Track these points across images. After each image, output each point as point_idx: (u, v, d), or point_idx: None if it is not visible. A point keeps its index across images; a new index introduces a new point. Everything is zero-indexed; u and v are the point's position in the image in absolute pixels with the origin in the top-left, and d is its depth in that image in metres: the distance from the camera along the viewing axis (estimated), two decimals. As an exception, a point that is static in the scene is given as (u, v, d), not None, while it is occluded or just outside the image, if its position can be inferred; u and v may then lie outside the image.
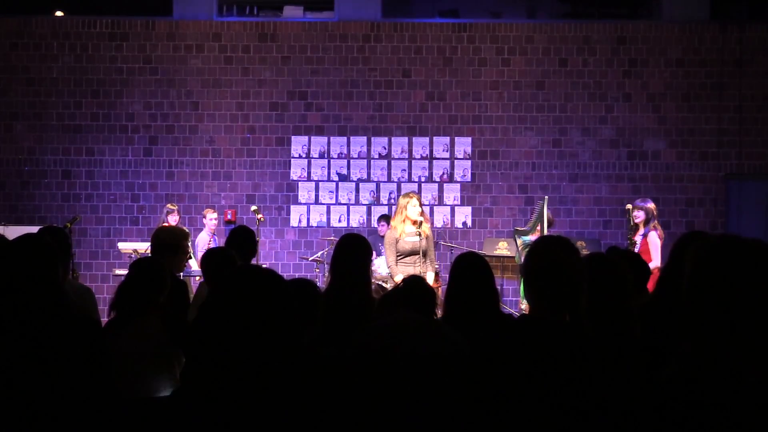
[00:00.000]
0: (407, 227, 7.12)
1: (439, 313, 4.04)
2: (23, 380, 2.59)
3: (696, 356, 2.14)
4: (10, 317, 2.66)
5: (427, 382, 3.16)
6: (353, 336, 3.49)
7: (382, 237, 9.86)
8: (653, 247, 7.57)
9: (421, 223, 7.07)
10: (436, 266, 7.64)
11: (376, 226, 10.50)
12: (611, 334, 2.69)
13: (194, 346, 3.60)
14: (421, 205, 7.23)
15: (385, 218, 10.17)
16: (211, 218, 9.70)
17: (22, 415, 2.57)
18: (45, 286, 2.74)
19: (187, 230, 9.61)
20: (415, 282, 3.68)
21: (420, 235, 7.03)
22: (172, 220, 9.33)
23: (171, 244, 4.69)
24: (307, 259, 9.71)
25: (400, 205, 7.26)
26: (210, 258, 4.65)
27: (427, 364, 3.20)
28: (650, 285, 6.75)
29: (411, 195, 7.25)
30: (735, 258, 2.13)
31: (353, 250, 4.27)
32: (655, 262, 7.49)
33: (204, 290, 4.64)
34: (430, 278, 7.05)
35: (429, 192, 10.62)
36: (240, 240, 4.82)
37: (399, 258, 7.17)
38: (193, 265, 9.43)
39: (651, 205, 7.83)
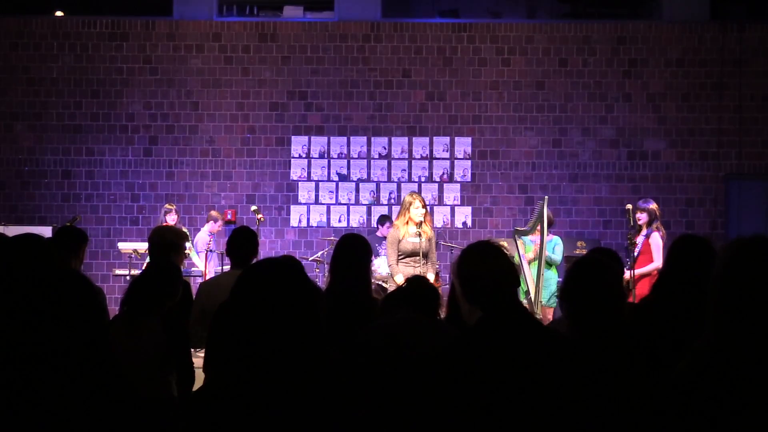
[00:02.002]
0: (410, 228, 7.12)
1: (442, 313, 4.04)
2: (27, 378, 2.59)
3: (715, 352, 2.14)
4: (16, 313, 2.66)
5: (429, 382, 3.16)
6: (357, 335, 3.50)
7: (381, 238, 9.89)
8: (655, 248, 7.55)
9: (421, 223, 7.07)
10: (437, 266, 7.63)
11: (375, 226, 10.50)
12: (599, 337, 2.72)
13: (219, 342, 3.61)
14: (424, 206, 7.20)
15: (385, 219, 10.16)
16: (220, 224, 9.68)
17: (26, 413, 2.57)
18: (54, 279, 2.73)
19: (185, 231, 9.64)
20: (418, 282, 3.69)
21: (420, 235, 7.03)
22: (171, 219, 9.31)
23: (169, 244, 4.68)
24: (307, 259, 9.72)
25: (403, 206, 7.26)
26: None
27: (430, 363, 3.20)
28: (647, 284, 6.78)
29: (415, 196, 7.25)
30: (765, 257, 2.15)
31: (353, 250, 4.27)
32: (656, 263, 7.48)
33: (205, 292, 4.61)
34: (430, 279, 7.04)
35: (429, 192, 10.62)
36: (241, 240, 4.79)
37: (400, 258, 7.17)
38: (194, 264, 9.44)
39: (653, 206, 7.80)
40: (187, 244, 8.86)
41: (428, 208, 7.49)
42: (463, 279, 2.69)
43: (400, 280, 6.75)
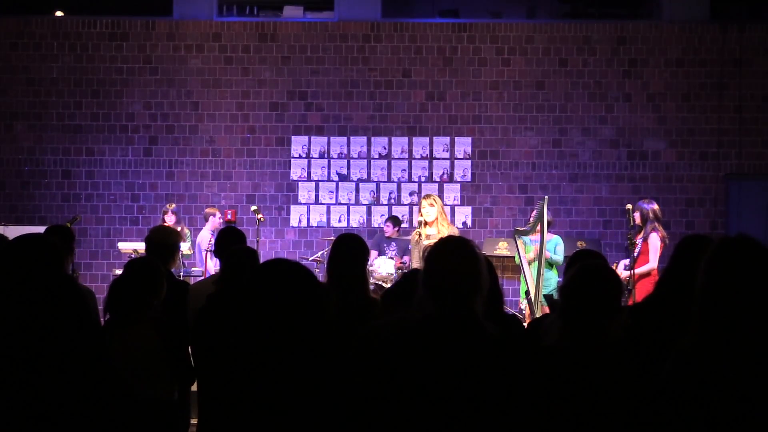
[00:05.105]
0: (427, 230, 7.08)
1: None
2: (27, 378, 2.59)
3: (698, 352, 2.15)
4: (15, 316, 2.66)
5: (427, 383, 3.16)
6: (355, 336, 3.49)
7: (388, 237, 9.91)
8: (652, 249, 7.53)
9: (435, 223, 7.01)
10: None
11: (376, 226, 10.52)
12: (587, 343, 2.71)
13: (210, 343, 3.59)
14: (433, 205, 7.07)
15: (391, 219, 10.12)
16: (219, 217, 9.70)
17: (25, 413, 2.57)
18: (52, 284, 2.73)
19: (187, 231, 9.64)
20: (416, 277, 3.67)
21: (429, 237, 6.99)
22: (170, 220, 9.32)
23: (164, 245, 4.65)
24: (307, 259, 9.72)
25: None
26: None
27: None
28: (648, 285, 6.77)
29: (424, 196, 7.23)
30: (752, 257, 2.15)
31: (349, 250, 4.24)
32: (651, 264, 7.47)
33: (192, 295, 4.56)
34: None
35: (429, 192, 10.60)
36: (227, 241, 4.74)
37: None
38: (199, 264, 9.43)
39: (648, 208, 7.69)
40: (185, 244, 8.92)
41: (444, 206, 7.34)
42: (424, 271, 2.70)
43: None
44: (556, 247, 8.12)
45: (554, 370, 2.61)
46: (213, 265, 9.24)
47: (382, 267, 8.68)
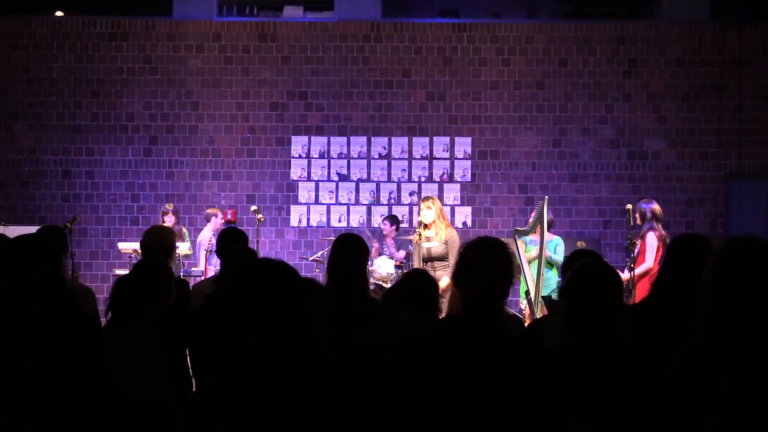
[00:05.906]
0: (426, 232, 7.05)
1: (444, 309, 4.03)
2: (25, 379, 2.59)
3: (702, 353, 2.14)
4: (15, 317, 2.66)
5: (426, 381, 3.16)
6: (355, 336, 3.49)
7: (386, 236, 9.91)
8: (649, 248, 7.55)
9: (432, 226, 6.99)
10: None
11: (376, 226, 10.52)
12: (590, 343, 2.71)
13: (207, 342, 3.60)
14: (430, 207, 7.04)
15: (389, 218, 10.12)
16: (221, 218, 9.70)
17: (23, 413, 2.57)
18: (51, 285, 2.73)
19: (185, 231, 9.63)
20: (416, 277, 3.67)
21: (429, 239, 6.97)
22: (169, 220, 9.31)
23: (160, 246, 4.64)
24: (307, 259, 9.72)
25: None
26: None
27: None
28: (648, 285, 6.77)
29: (423, 199, 7.20)
30: (760, 258, 2.14)
31: (349, 250, 4.25)
32: (648, 263, 7.47)
33: (193, 296, 4.56)
34: (443, 283, 6.92)
35: (429, 192, 10.61)
36: (229, 241, 4.74)
37: (425, 265, 6.97)
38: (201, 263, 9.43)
39: (646, 207, 7.71)
40: (184, 245, 8.91)
41: (443, 208, 7.28)
42: (456, 270, 2.71)
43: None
44: (556, 248, 8.12)
45: (558, 370, 2.60)
46: (212, 265, 9.24)
47: (382, 267, 8.69)
